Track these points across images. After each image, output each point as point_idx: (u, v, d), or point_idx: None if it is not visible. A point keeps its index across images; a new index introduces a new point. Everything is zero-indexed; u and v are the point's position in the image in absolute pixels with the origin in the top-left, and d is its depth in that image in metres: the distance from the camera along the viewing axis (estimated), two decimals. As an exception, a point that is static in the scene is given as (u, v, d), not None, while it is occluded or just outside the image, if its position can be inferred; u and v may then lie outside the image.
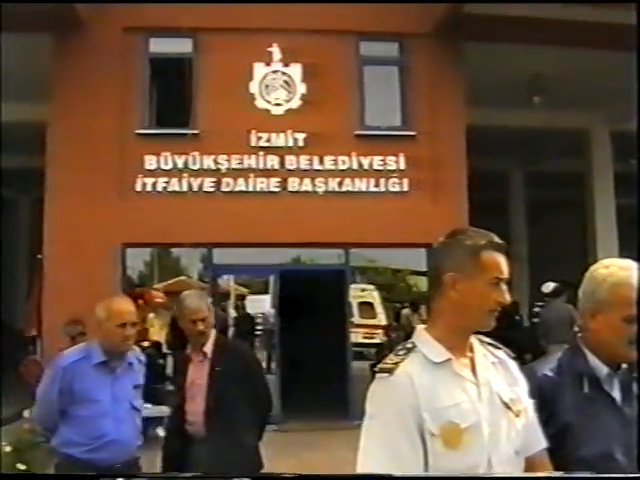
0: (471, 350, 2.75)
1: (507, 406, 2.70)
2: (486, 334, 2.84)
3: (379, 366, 2.67)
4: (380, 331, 16.86)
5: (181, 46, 14.27)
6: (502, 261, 2.73)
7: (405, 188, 14.17)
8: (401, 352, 2.68)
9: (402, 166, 14.19)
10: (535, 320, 13.89)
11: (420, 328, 2.78)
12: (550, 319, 12.10)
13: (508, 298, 2.71)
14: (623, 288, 3.03)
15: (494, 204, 19.22)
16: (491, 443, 2.61)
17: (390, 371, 2.61)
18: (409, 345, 2.70)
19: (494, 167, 19.88)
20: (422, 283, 15.59)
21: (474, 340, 2.78)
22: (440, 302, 2.72)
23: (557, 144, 18.03)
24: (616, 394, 3.09)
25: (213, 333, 5.48)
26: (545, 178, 20.41)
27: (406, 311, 16.73)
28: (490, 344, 2.86)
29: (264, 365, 13.87)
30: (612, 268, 3.10)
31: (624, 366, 3.11)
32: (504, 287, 2.72)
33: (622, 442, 3.00)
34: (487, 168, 17.81)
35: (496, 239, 2.74)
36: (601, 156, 17.96)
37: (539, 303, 13.78)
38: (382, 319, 17.02)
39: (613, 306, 3.03)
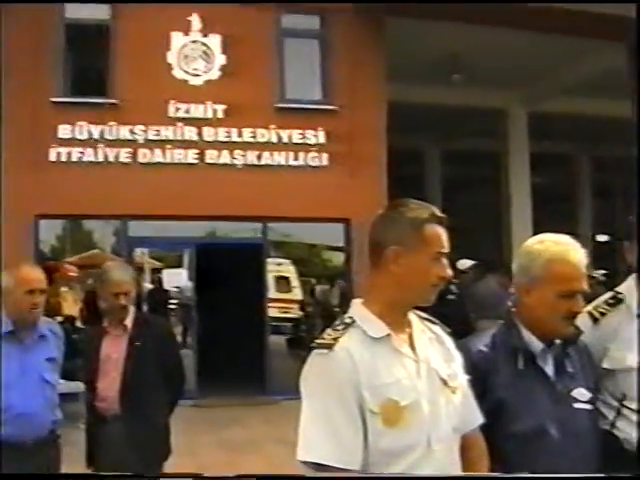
0: (409, 326, 2.69)
1: (445, 382, 2.66)
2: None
3: (317, 341, 2.58)
4: (296, 306, 16.83)
5: (98, 12, 13.88)
6: (444, 235, 2.66)
7: (324, 162, 14.13)
8: (339, 327, 2.60)
9: (321, 140, 14.14)
10: (450, 297, 13.99)
11: (357, 302, 2.70)
12: (482, 295, 12.21)
13: (449, 272, 2.66)
14: (558, 263, 3.02)
15: (411, 180, 19.32)
16: (430, 420, 2.56)
17: (329, 347, 2.53)
18: (347, 320, 2.62)
19: (412, 143, 19.99)
20: (338, 258, 15.58)
21: (412, 315, 2.72)
22: (380, 276, 2.64)
23: (475, 122, 18.21)
24: (549, 369, 3.09)
25: (132, 307, 5.33)
26: (462, 156, 20.60)
27: (322, 286, 16.74)
28: (427, 319, 2.81)
29: (180, 340, 13.73)
30: (547, 243, 3.08)
31: (557, 342, 3.11)
32: (445, 261, 2.66)
33: (555, 417, 3.01)
34: (405, 144, 17.88)
35: (438, 212, 2.67)
36: (517, 135, 18.22)
37: (455, 280, 13.88)
38: (298, 294, 16.97)
39: (548, 281, 3.02)
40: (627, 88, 14.73)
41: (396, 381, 2.53)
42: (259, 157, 13.90)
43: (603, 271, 13.45)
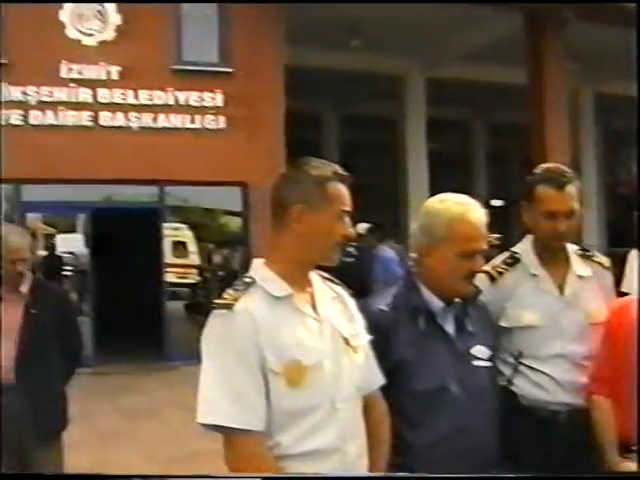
0: (311, 285, 2.68)
1: (347, 342, 2.67)
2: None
3: (216, 302, 2.55)
4: (194, 271, 16.73)
5: (-15, -33, 13.33)
6: (347, 193, 2.66)
7: (221, 125, 13.97)
8: (240, 287, 2.57)
9: (219, 103, 13.96)
10: (349, 259, 14.10)
11: (258, 262, 2.67)
12: (377, 257, 12.37)
13: (352, 231, 2.65)
14: (458, 223, 3.05)
15: (309, 144, 19.30)
16: (334, 380, 2.57)
17: (229, 307, 2.50)
18: (248, 280, 2.60)
19: (310, 107, 19.96)
20: (236, 223, 15.51)
21: (313, 275, 2.71)
22: (283, 235, 2.62)
23: (373, 87, 18.26)
24: (450, 328, 3.13)
25: (29, 274, 5.17)
26: (360, 120, 20.68)
27: (219, 251, 16.67)
28: (329, 279, 2.80)
29: (76, 307, 13.47)
30: (448, 203, 3.10)
31: (457, 301, 3.15)
32: (348, 220, 2.65)
33: (456, 374, 3.06)
34: (303, 108, 17.83)
35: (341, 170, 2.66)
36: (415, 101, 18.38)
37: (353, 243, 13.98)
38: (195, 259, 16.86)
39: (449, 241, 3.04)
40: (522, 55, 15.00)
41: (299, 341, 2.52)
42: (155, 119, 13.64)
43: (497, 235, 13.76)
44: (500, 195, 22.91)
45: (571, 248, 3.62)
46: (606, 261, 3.71)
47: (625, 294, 3.93)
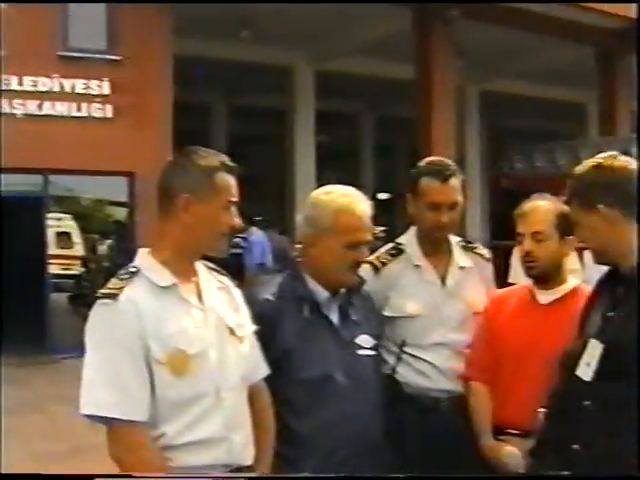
0: (196, 275, 2.68)
1: (233, 332, 2.68)
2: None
3: (101, 291, 2.53)
4: (78, 262, 16.40)
5: None
6: (234, 184, 2.67)
7: (108, 114, 13.72)
8: (124, 276, 2.55)
9: (106, 91, 13.70)
10: (236, 250, 14.12)
11: (143, 252, 2.66)
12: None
13: (239, 222, 2.66)
14: (344, 215, 3.10)
15: (197, 134, 19.15)
16: (219, 369, 2.58)
17: (113, 297, 2.48)
18: (132, 269, 2.58)
19: (199, 98, 19.81)
20: (122, 213, 15.28)
21: (199, 265, 2.71)
22: (170, 224, 2.61)
23: (262, 79, 18.24)
24: (334, 317, 3.17)
25: None
26: (249, 111, 20.63)
27: (104, 242, 16.41)
28: (214, 269, 2.81)
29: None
30: (334, 195, 3.15)
31: (342, 291, 3.19)
32: (235, 211, 2.66)
33: (341, 364, 3.10)
34: (192, 99, 17.70)
35: (229, 161, 2.67)
36: (303, 93, 18.42)
37: (240, 235, 13.96)
38: (80, 250, 16.53)
39: (334, 232, 3.08)
40: (410, 51, 15.22)
41: (183, 330, 2.52)
42: (40, 107, 13.30)
43: (383, 227, 13.95)
44: (387, 188, 23.22)
45: (454, 240, 3.72)
46: (487, 253, 3.83)
47: (512, 285, 4.07)
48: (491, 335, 3.54)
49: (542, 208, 3.41)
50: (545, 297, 3.45)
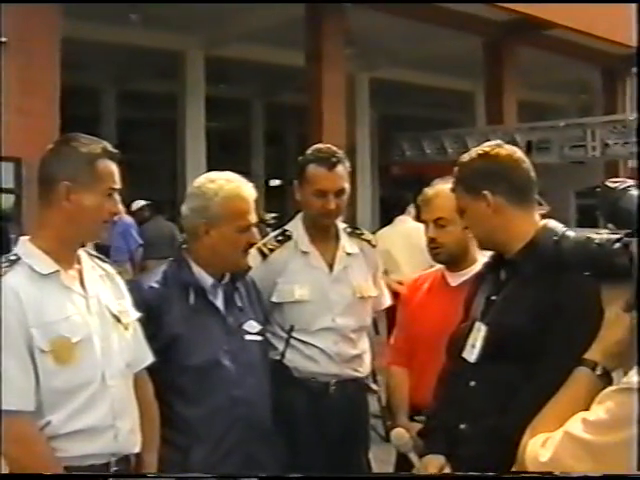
0: (79, 262, 2.66)
1: (117, 319, 2.67)
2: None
3: None
4: (-40, 250, 15.87)
5: None
6: (116, 171, 2.65)
7: (-7, 98, 13.32)
8: (4, 265, 2.51)
9: (-10, 74, 13.29)
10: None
11: (24, 239, 2.63)
12: (151, 236, 12.30)
13: (121, 209, 2.66)
14: (234, 200, 3.14)
15: (86, 120, 18.74)
16: (104, 357, 2.57)
17: None
18: (12, 257, 2.54)
19: (88, 82, 19.39)
20: (8, 200, 14.85)
21: (81, 252, 2.69)
22: (50, 212, 2.58)
23: (152, 64, 17.98)
24: (220, 303, 3.20)
25: None
26: (139, 97, 20.31)
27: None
28: (97, 257, 2.79)
29: None
30: (219, 182, 3.17)
31: (227, 277, 3.21)
32: (117, 198, 2.65)
33: (228, 349, 3.13)
34: (80, 83, 17.32)
35: (110, 147, 2.65)
36: (194, 79, 18.21)
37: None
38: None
39: (227, 219, 3.13)
40: (301, 38, 15.23)
41: (66, 318, 2.50)
42: None
43: (274, 214, 13.98)
44: (278, 175, 23.23)
45: (341, 226, 3.76)
46: (373, 239, 3.89)
47: None
48: (405, 319, 3.64)
49: (443, 194, 3.44)
50: (454, 279, 3.54)
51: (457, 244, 3.47)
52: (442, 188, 3.47)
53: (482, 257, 3.54)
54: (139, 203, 13.16)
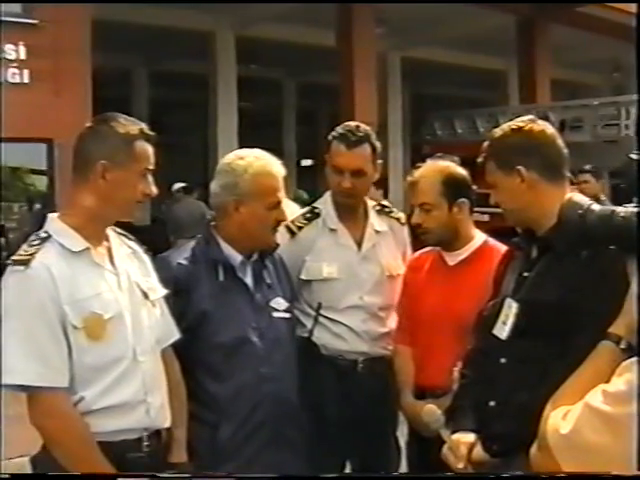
0: (108, 240, 2.68)
1: (146, 295, 2.70)
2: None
3: (13, 258, 2.51)
4: (-6, 232, 16.06)
5: None
6: (151, 152, 2.67)
7: (25, 79, 13.39)
8: (35, 242, 2.53)
9: (22, 56, 13.36)
10: (160, 216, 14.09)
11: (53, 217, 2.64)
12: (181, 215, 12.40)
13: (155, 190, 2.67)
14: (263, 177, 3.14)
15: (117, 101, 18.82)
16: (134, 333, 2.59)
17: (26, 263, 2.46)
18: (43, 235, 2.56)
19: (119, 64, 19.48)
20: (41, 181, 14.99)
21: (109, 230, 2.71)
22: (84, 190, 2.59)
23: (183, 44, 17.99)
24: (249, 280, 3.20)
25: None
26: (170, 77, 20.37)
27: (24, 211, 16.11)
28: (123, 235, 2.81)
29: None
30: (249, 159, 3.17)
31: (255, 254, 3.22)
32: (151, 178, 2.67)
33: (256, 326, 3.14)
34: (112, 64, 17.42)
35: (147, 129, 2.67)
36: (225, 59, 18.21)
37: (167, 201, 13.88)
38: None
39: (257, 196, 3.13)
40: (332, 17, 15.19)
41: (97, 295, 2.52)
42: (-47, 72, 12.95)
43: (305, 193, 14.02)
44: (310, 154, 23.20)
45: (370, 204, 3.75)
46: (403, 217, 3.87)
47: None
48: (408, 299, 3.62)
49: (427, 178, 3.45)
50: (452, 259, 3.53)
51: (444, 228, 3.44)
52: (426, 172, 3.48)
53: (479, 234, 3.57)
54: (176, 185, 13.31)
